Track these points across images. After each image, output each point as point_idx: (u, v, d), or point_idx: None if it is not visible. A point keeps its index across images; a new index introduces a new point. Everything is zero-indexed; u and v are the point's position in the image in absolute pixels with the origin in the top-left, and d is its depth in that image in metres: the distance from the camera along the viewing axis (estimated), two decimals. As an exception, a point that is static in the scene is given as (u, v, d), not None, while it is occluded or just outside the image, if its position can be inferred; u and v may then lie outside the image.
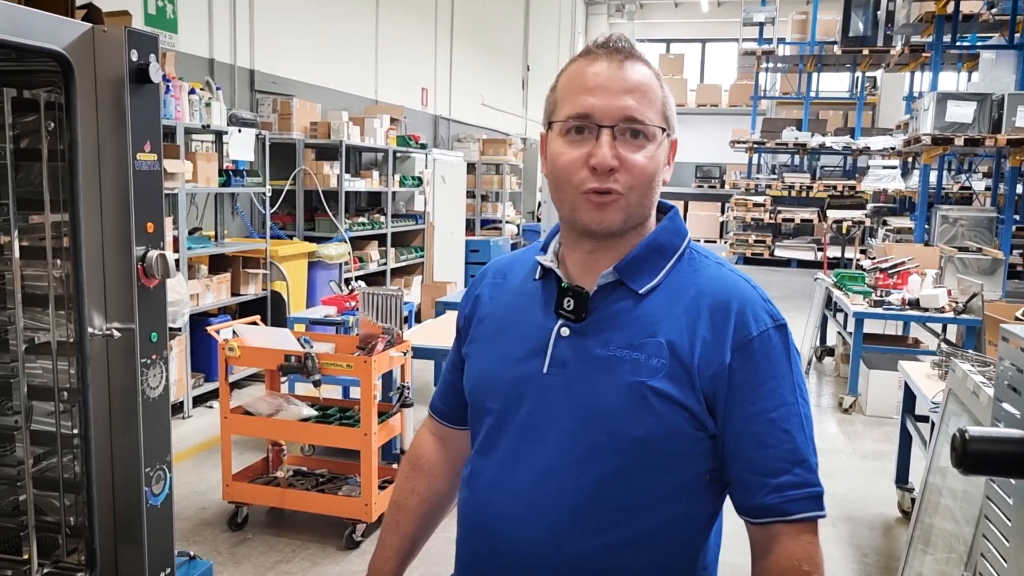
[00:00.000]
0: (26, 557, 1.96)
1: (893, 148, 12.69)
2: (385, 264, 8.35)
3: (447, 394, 1.40)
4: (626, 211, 1.15)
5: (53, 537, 2.04)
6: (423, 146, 9.22)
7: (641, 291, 1.16)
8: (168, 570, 2.02)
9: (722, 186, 18.87)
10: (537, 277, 1.25)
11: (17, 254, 1.90)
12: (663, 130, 1.16)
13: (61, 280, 1.94)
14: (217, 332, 3.89)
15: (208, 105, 5.49)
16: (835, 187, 15.30)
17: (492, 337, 1.27)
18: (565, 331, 1.17)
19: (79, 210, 1.73)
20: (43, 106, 1.86)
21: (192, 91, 5.35)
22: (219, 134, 5.88)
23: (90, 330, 1.78)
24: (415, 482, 1.41)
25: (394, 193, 8.68)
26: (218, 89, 5.89)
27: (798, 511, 1.12)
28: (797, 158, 16.52)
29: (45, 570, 1.98)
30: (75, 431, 1.95)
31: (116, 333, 1.81)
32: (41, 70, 1.85)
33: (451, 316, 5.37)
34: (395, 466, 4.02)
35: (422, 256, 9.08)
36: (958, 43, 10.19)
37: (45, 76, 1.86)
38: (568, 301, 1.17)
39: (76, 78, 1.67)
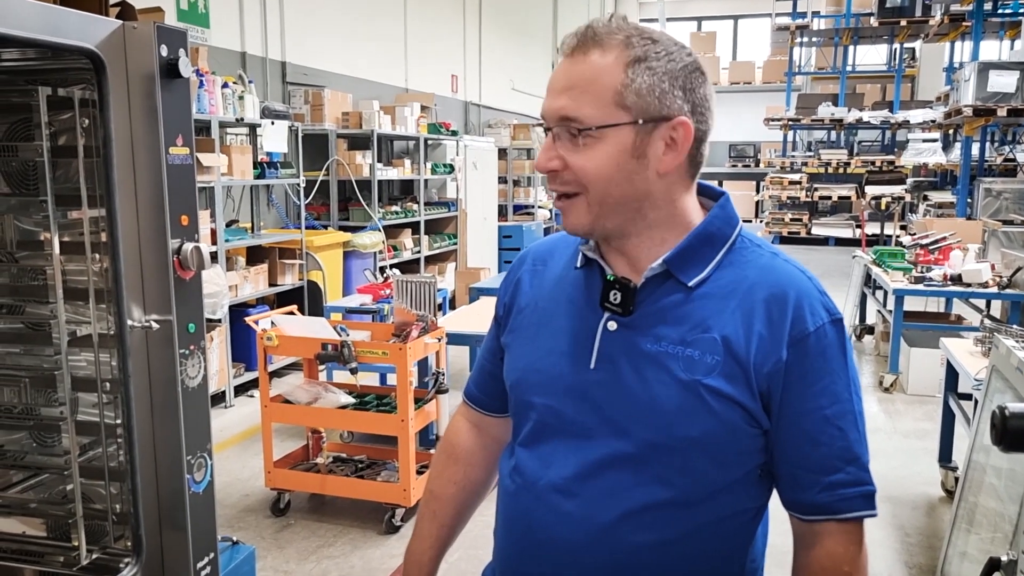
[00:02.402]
0: (75, 543, 2.02)
1: (933, 121, 12.41)
2: (419, 252, 8.39)
3: (484, 382, 1.37)
4: (590, 214, 1.09)
5: (100, 524, 2.09)
6: (454, 133, 9.23)
7: (691, 283, 1.11)
8: (211, 555, 2.06)
9: (757, 165, 18.62)
10: (579, 265, 1.20)
11: (57, 250, 1.94)
12: (607, 126, 1.05)
13: (100, 274, 1.98)
14: (256, 322, 3.95)
15: (241, 98, 5.55)
16: (873, 162, 15.02)
17: (535, 328, 1.22)
18: (612, 325, 1.13)
19: (115, 205, 1.76)
20: (77, 103, 1.89)
21: (225, 85, 5.42)
22: (253, 127, 5.95)
23: (129, 322, 1.82)
24: (451, 471, 1.39)
25: (426, 181, 8.71)
26: (250, 82, 5.95)
27: (849, 510, 1.10)
28: (834, 134, 16.23)
29: (94, 556, 2.03)
30: (118, 421, 2.00)
31: (155, 325, 1.84)
32: (74, 68, 1.88)
33: (485, 302, 5.39)
34: (432, 452, 4.06)
35: (455, 243, 9.11)
36: (999, 10, 9.89)
37: (78, 74, 1.89)
38: (615, 294, 1.12)
39: (108, 75, 1.70)
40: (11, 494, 2.27)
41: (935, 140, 12.68)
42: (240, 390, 5.65)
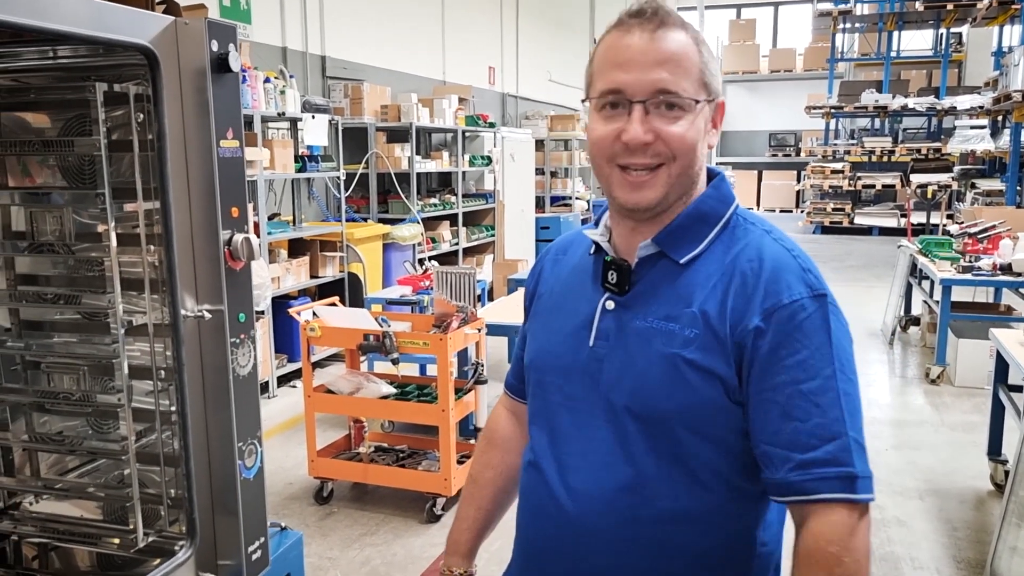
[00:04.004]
0: (131, 527, 2.08)
1: (981, 107, 12.08)
2: (457, 244, 8.43)
3: (518, 370, 1.42)
4: (666, 186, 1.13)
5: (156, 508, 2.15)
6: (491, 125, 9.24)
7: (682, 261, 1.15)
8: (262, 539, 2.12)
9: (798, 154, 18.30)
10: (591, 252, 1.26)
11: (114, 242, 2.00)
12: (699, 101, 1.12)
13: (154, 265, 2.04)
14: (298, 314, 4.01)
15: (283, 93, 5.63)
16: (919, 150, 14.68)
17: (549, 312, 1.29)
18: (610, 304, 1.18)
19: (169, 197, 1.81)
20: (132, 99, 1.94)
21: (267, 80, 5.49)
22: (294, 121, 6.03)
23: (183, 312, 1.87)
24: (489, 456, 1.46)
25: (464, 173, 8.73)
26: (291, 77, 6.02)
27: (823, 491, 1.04)
28: (877, 122, 15.90)
29: (150, 539, 2.09)
30: (172, 408, 2.06)
31: (207, 314, 1.89)
32: (128, 64, 1.93)
33: (523, 293, 5.39)
34: (472, 441, 4.09)
35: (493, 235, 9.13)
36: (1052, -8, 9.61)
37: (132, 70, 1.94)
38: (612, 274, 1.18)
39: (162, 70, 1.75)
40: (69, 479, 2.35)
41: (983, 127, 12.36)
42: (283, 380, 5.74)
